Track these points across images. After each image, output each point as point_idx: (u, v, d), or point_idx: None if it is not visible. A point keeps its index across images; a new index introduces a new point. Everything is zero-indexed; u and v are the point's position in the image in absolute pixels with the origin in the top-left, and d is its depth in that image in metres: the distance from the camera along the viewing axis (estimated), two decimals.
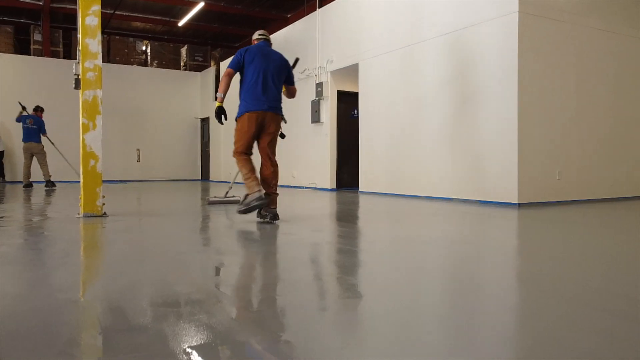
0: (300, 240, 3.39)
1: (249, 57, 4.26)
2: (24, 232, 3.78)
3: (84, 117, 4.63)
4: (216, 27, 16.05)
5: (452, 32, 6.58)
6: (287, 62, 4.53)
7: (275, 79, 4.33)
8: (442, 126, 6.75)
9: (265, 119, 4.32)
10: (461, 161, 6.43)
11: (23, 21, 15.02)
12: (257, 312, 1.63)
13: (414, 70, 7.28)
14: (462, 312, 1.70)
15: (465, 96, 6.38)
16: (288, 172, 10.71)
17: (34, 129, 10.78)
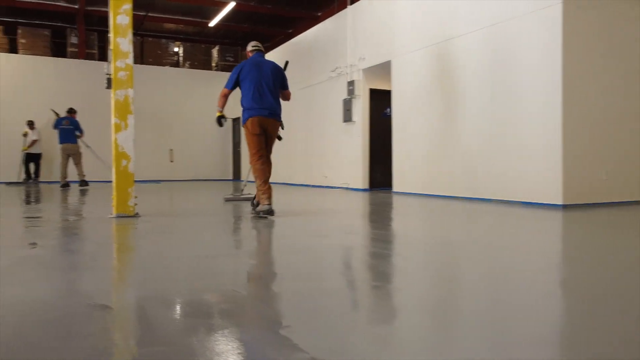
0: (334, 244, 3.24)
1: (243, 73, 4.74)
2: (56, 232, 3.77)
3: (115, 117, 4.60)
4: (246, 27, 16.07)
5: (490, 25, 6.32)
6: (280, 69, 4.94)
7: (271, 87, 4.76)
8: (480, 124, 6.50)
9: (267, 124, 4.75)
10: (501, 160, 6.17)
11: (59, 24, 15.37)
12: (289, 327, 1.50)
13: (450, 67, 7.03)
14: (505, 325, 1.52)
15: (505, 92, 6.12)
16: (319, 173, 10.59)
17: (70, 130, 11.00)
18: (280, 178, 12.43)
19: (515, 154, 5.95)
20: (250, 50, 5.01)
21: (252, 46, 5.02)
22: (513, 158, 5.99)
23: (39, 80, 13.57)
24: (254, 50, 4.98)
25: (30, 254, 2.78)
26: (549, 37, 5.52)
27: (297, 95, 11.59)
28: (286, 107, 12.33)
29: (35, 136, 12.23)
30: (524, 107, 5.84)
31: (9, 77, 13.34)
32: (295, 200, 7.26)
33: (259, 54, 4.94)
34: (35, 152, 12.41)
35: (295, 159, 11.73)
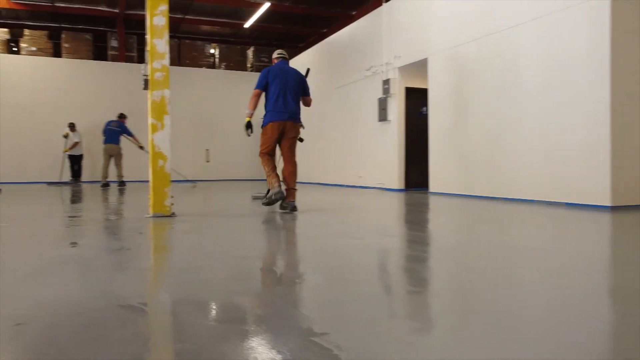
0: (369, 246, 3.16)
1: (271, 76, 5.07)
2: (94, 232, 3.82)
3: (152, 118, 4.64)
4: (281, 27, 16.12)
5: (532, 20, 6.08)
6: (302, 77, 5.26)
7: (293, 93, 5.10)
8: (522, 121, 6.26)
9: (285, 127, 5.07)
10: (544, 159, 5.93)
11: (101, 29, 15.81)
12: (325, 335, 1.42)
13: (491, 63, 6.82)
14: (556, 338, 1.40)
15: (548, 89, 5.87)
16: (354, 173, 10.49)
17: (116, 132, 11.32)
18: (314, 178, 12.40)
19: (560, 153, 5.70)
20: (275, 57, 5.39)
21: (278, 54, 5.39)
22: (557, 157, 5.74)
23: (81, 83, 13.99)
24: (279, 58, 5.36)
25: (67, 253, 2.81)
26: (596, 29, 5.26)
27: (332, 95, 11.54)
28: (320, 107, 12.32)
29: (76, 138, 12.47)
30: (569, 103, 5.59)
31: (53, 80, 13.80)
32: (329, 200, 7.19)
33: (283, 62, 5.33)
34: (77, 154, 12.65)
35: (329, 159, 11.67)
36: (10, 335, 1.42)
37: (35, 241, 3.35)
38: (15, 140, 12.99)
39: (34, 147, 13.29)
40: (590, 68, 5.34)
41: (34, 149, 13.29)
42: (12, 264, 2.58)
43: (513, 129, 6.41)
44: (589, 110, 5.34)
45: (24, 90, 13.46)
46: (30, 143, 13.27)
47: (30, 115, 13.33)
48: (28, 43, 14.02)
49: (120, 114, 11.74)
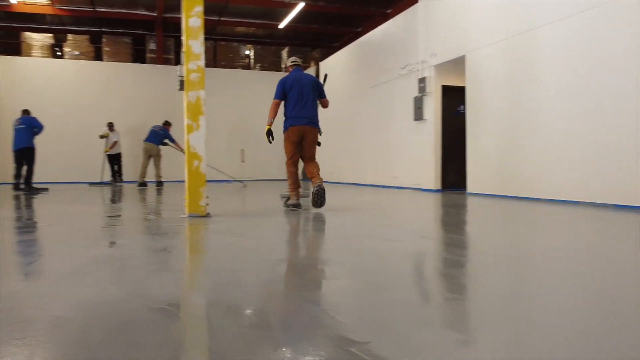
0: (406, 249, 3.06)
1: (287, 86, 5.35)
2: (131, 232, 3.86)
3: (188, 118, 4.68)
4: (315, 27, 16.10)
5: (577, 13, 5.82)
6: (317, 82, 5.50)
7: (309, 98, 5.35)
8: (566, 120, 6.01)
9: (305, 132, 5.34)
10: (590, 158, 5.66)
11: (139, 32, 16.17)
12: (364, 345, 1.35)
13: (531, 59, 6.58)
14: None
15: (593, 86, 5.61)
16: (389, 173, 10.35)
17: (159, 134, 11.55)
18: (348, 178, 12.31)
19: (606, 153, 5.44)
20: (290, 65, 5.62)
21: (292, 61, 5.63)
22: (603, 156, 5.48)
23: (120, 85, 14.35)
24: (293, 65, 5.60)
25: (104, 253, 2.84)
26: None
27: (366, 95, 11.43)
28: (354, 107, 12.23)
29: (115, 137, 12.55)
30: (618, 100, 5.32)
31: (94, 83, 14.20)
32: (364, 201, 7.10)
33: (298, 69, 5.56)
34: (114, 153, 12.67)
35: (364, 159, 11.56)
36: (44, 336, 1.42)
37: (75, 241, 3.41)
38: (59, 141, 13.42)
39: (76, 148, 13.71)
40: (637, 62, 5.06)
41: (77, 150, 13.71)
42: (51, 264, 2.62)
43: (556, 127, 6.16)
44: (637, 107, 5.07)
45: (67, 93, 13.91)
46: (73, 144, 13.70)
47: (74, 117, 13.76)
48: (71, 47, 14.49)
49: (165, 121, 11.92)
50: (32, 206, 6.40)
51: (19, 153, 9.56)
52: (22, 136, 9.53)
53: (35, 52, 14.24)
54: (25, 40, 14.27)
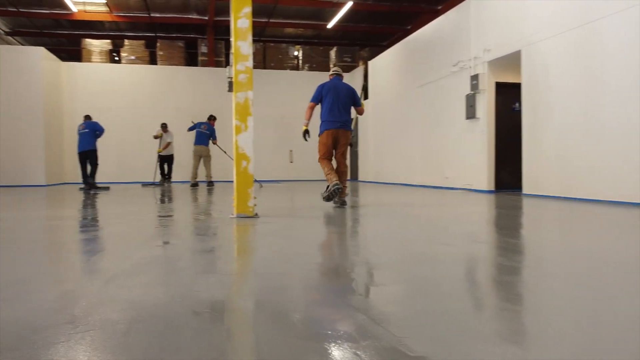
0: (458, 253, 2.92)
1: (325, 91, 5.84)
2: (180, 232, 3.91)
3: (236, 119, 4.70)
4: (364, 26, 15.98)
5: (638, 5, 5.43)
6: (352, 90, 6.00)
7: (344, 105, 5.82)
8: (629, 118, 5.63)
9: (338, 134, 5.84)
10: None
11: (192, 36, 16.60)
12: (418, 358, 1.26)
13: (594, 52, 6.20)
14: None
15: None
16: (440, 173, 10.09)
17: (206, 134, 11.82)
18: (397, 179, 12.12)
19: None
20: (330, 74, 6.13)
21: (333, 71, 6.16)
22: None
23: (174, 88, 14.77)
24: (333, 74, 6.10)
25: (153, 254, 2.87)
26: None
27: (415, 94, 11.20)
28: (403, 106, 12.01)
29: (169, 138, 12.65)
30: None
31: (149, 86, 14.70)
32: (414, 202, 6.93)
33: (337, 78, 6.06)
34: (167, 154, 12.73)
35: (413, 159, 11.33)
36: (86, 339, 1.41)
37: (127, 241, 3.48)
38: (116, 143, 13.96)
39: (132, 149, 14.23)
40: None
41: (132, 151, 14.23)
42: (103, 264, 2.67)
43: (620, 126, 5.78)
44: None
45: (124, 96, 14.47)
46: (129, 146, 14.22)
47: (130, 119, 14.29)
48: (128, 52, 15.05)
49: (210, 116, 12.24)
50: (92, 205, 6.65)
51: (83, 155, 10.43)
52: (86, 139, 10.37)
53: (94, 57, 14.90)
54: (85, 46, 14.96)
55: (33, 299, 1.86)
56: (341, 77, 6.13)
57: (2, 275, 2.27)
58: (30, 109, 12.68)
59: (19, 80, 12.64)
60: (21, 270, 2.42)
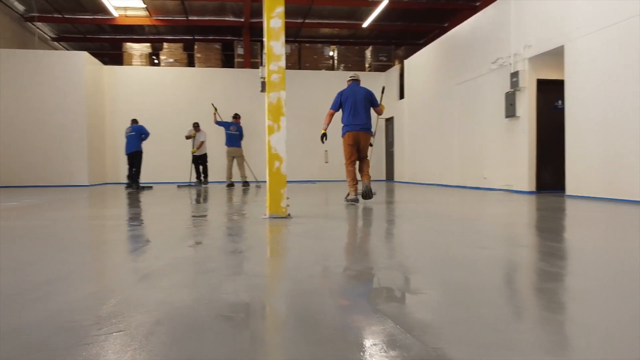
0: (496, 257, 2.80)
1: (344, 97, 6.35)
2: (211, 233, 3.91)
3: (269, 119, 4.68)
4: (400, 25, 15.78)
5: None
6: (369, 93, 6.37)
7: (363, 108, 6.27)
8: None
9: (359, 136, 6.29)
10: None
11: (228, 38, 16.81)
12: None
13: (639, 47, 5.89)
14: None
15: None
16: (478, 173, 9.83)
17: (236, 135, 11.93)
18: (435, 179, 11.89)
19: None
20: (348, 80, 6.58)
21: (350, 77, 6.61)
22: None
23: (211, 89, 14.98)
24: (351, 80, 6.55)
25: (183, 255, 2.87)
26: None
27: (452, 92, 10.96)
28: (439, 105, 11.80)
29: (202, 138, 12.47)
30: None
31: (186, 87, 14.96)
32: (450, 203, 6.76)
33: (355, 83, 6.49)
34: (201, 154, 12.58)
35: (450, 159, 11.09)
36: (108, 342, 1.39)
37: (159, 241, 3.51)
38: (156, 143, 14.25)
39: (170, 150, 14.50)
40: None
41: (171, 152, 14.50)
42: (133, 264, 2.68)
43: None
44: None
45: (163, 98, 14.78)
46: (168, 146, 14.50)
47: (168, 120, 14.57)
48: (166, 55, 15.37)
49: (234, 114, 12.35)
50: (129, 205, 6.79)
51: (130, 156, 11.17)
52: (132, 142, 11.13)
53: (135, 60, 15.28)
54: (126, 50, 15.36)
55: (61, 299, 1.87)
56: (359, 82, 6.54)
57: (36, 274, 2.30)
58: (74, 111, 13.12)
59: (64, 84, 13.09)
60: (56, 268, 2.46)
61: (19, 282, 2.17)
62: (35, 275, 2.27)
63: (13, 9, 13.92)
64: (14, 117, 12.89)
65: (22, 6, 14.13)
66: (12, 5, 13.81)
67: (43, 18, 14.64)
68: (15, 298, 1.90)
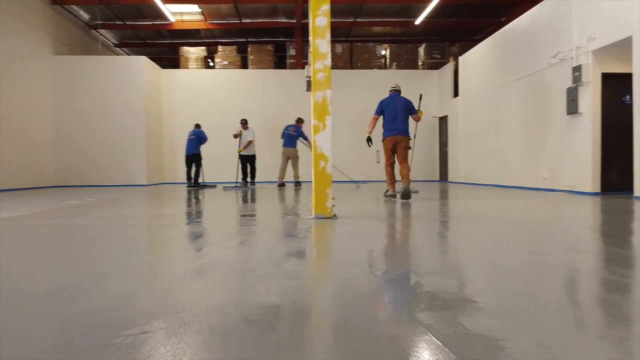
0: (554, 265, 2.59)
1: (384, 105, 7.20)
2: (255, 233, 3.89)
3: (314, 119, 4.63)
4: (453, 21, 15.35)
5: None
6: (408, 102, 7.17)
7: (400, 115, 7.08)
8: None
9: (397, 140, 7.07)
10: None
11: (280, 39, 16.96)
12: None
13: None
14: None
15: None
16: (537, 173, 9.36)
17: (293, 136, 11.96)
18: (491, 179, 11.44)
19: None
20: (390, 90, 7.46)
21: (392, 87, 7.47)
22: None
23: (264, 90, 15.17)
24: (392, 90, 7.41)
25: (222, 255, 2.84)
26: None
27: (508, 89, 10.50)
28: (495, 102, 11.33)
29: (250, 136, 11.87)
30: None
31: (240, 89, 15.22)
32: (507, 204, 6.44)
33: (395, 93, 7.32)
34: (249, 154, 12.05)
35: (508, 159, 10.64)
36: (130, 344, 1.36)
37: (202, 240, 3.52)
38: (210, 144, 14.59)
39: (224, 150, 14.78)
40: None
41: (224, 152, 14.79)
42: (173, 263, 2.69)
43: None
44: None
45: (217, 100, 15.11)
46: (221, 146, 14.79)
47: (222, 121, 14.86)
48: (221, 58, 15.70)
49: (298, 119, 12.35)
50: (183, 204, 6.95)
51: (189, 158, 11.82)
52: (192, 145, 11.77)
53: (191, 64, 15.71)
54: (183, 54, 15.82)
55: (96, 297, 1.88)
56: (399, 92, 7.36)
57: (77, 273, 2.34)
58: (134, 114, 13.65)
59: (125, 87, 13.66)
60: (97, 266, 2.50)
61: (61, 279, 2.21)
62: (76, 274, 2.31)
63: (79, 17, 14.68)
64: (82, 119, 13.58)
65: (87, 15, 14.87)
66: (78, 15, 14.56)
67: (106, 25, 15.34)
68: (53, 295, 1.92)
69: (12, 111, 11.45)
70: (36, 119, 12.58)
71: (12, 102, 11.45)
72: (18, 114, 11.69)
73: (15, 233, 3.91)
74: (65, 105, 13.51)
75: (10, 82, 11.36)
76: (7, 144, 11.18)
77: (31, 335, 1.45)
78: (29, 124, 12.22)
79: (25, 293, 1.97)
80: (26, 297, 1.90)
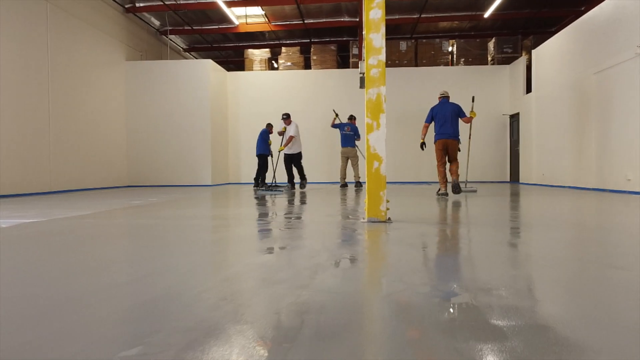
0: (634, 281, 2.21)
1: (434, 112, 7.99)
2: (302, 236, 3.72)
3: (368, 117, 4.40)
4: (527, 12, 14.48)
5: None
6: (458, 107, 7.96)
7: (450, 120, 7.85)
8: None
9: (447, 143, 7.91)
10: None
11: (343, 39, 16.80)
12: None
13: None
14: None
15: None
16: (620, 174, 8.54)
17: (350, 136, 11.79)
18: (567, 181, 10.64)
19: None
20: (439, 97, 8.25)
21: (440, 94, 8.25)
22: None
23: (326, 90, 15.08)
24: (441, 97, 8.19)
25: (259, 261, 2.69)
26: None
27: (587, 82, 9.69)
28: (573, 97, 10.52)
29: (292, 132, 10.93)
30: None
31: (303, 90, 15.22)
32: (585, 209, 5.86)
33: (444, 99, 8.12)
34: (293, 152, 11.24)
35: (586, 158, 9.82)
36: (137, 351, 1.22)
37: (243, 245, 3.40)
38: (274, 145, 14.71)
39: None
40: None
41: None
42: (203, 272, 2.57)
43: None
44: None
45: (281, 101, 15.20)
46: None
47: None
48: (284, 59, 15.79)
49: (350, 116, 12.16)
50: (243, 205, 6.95)
51: (258, 157, 11.57)
52: (258, 145, 11.56)
53: (255, 66, 15.93)
54: (247, 56, 16.07)
55: (123, 302, 1.78)
56: (448, 98, 8.17)
57: (125, 274, 2.28)
58: (200, 116, 14.02)
59: (192, 90, 14.07)
60: (139, 268, 2.43)
61: (98, 281, 2.15)
62: (124, 275, 2.24)
63: (150, 24, 15.30)
64: (151, 122, 14.14)
65: (158, 21, 15.48)
66: (149, 21, 15.19)
67: (175, 31, 15.90)
68: (85, 297, 1.85)
69: (89, 115, 12.10)
70: (110, 122, 13.24)
71: (89, 107, 12.11)
72: (94, 118, 12.34)
73: (75, 232, 4.00)
74: (137, 109, 14.12)
75: (87, 87, 12.01)
76: (85, 147, 11.83)
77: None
78: (104, 127, 12.88)
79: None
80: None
